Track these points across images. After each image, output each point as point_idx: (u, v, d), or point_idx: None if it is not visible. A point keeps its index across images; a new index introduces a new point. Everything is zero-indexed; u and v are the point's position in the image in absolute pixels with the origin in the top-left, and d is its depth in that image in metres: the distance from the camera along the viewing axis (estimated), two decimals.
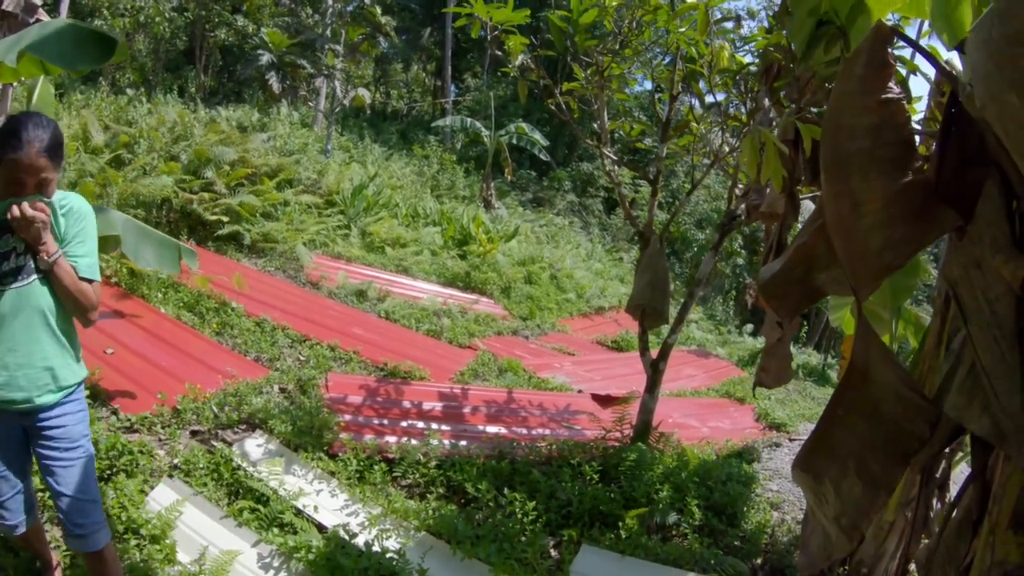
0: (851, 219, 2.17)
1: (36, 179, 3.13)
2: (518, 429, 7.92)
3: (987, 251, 1.94)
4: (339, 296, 11.76)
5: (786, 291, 2.75)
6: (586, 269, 20.32)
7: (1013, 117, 1.60)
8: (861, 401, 2.24)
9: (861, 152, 2.13)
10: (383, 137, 29.26)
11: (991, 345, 1.88)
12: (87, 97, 17.58)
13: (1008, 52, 1.57)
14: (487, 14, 6.28)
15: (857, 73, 2.17)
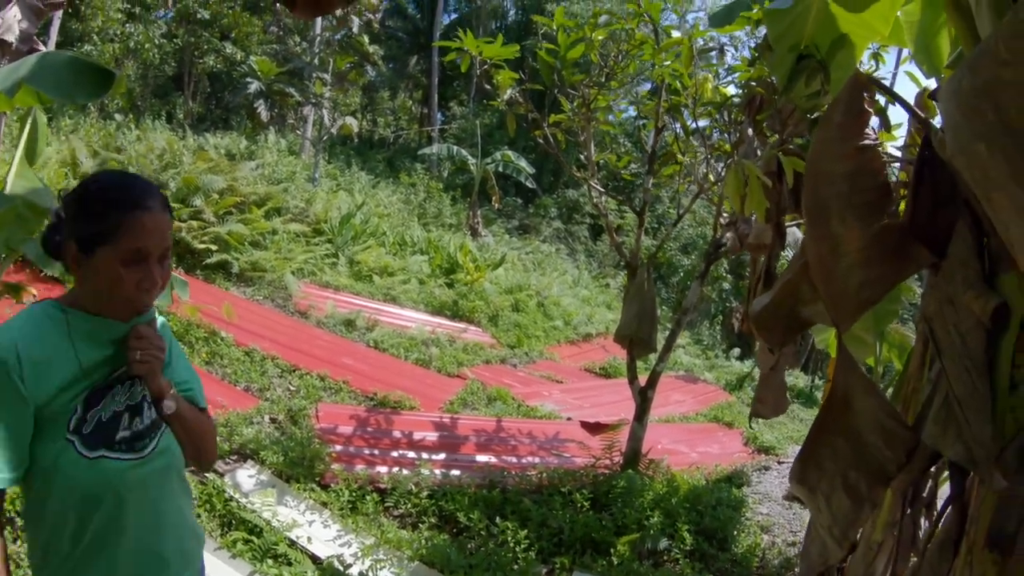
0: (831, 260, 2.29)
1: (162, 249, 2.00)
2: (508, 458, 7.96)
3: (959, 288, 2.05)
4: (328, 325, 11.79)
5: (775, 323, 2.88)
6: (573, 296, 20.40)
7: (981, 167, 1.67)
8: (843, 426, 2.35)
9: (839, 197, 2.24)
10: (370, 165, 29.36)
11: (963, 376, 1.99)
12: (76, 122, 17.64)
13: (976, 104, 1.64)
14: (477, 49, 6.40)
15: (835, 121, 2.28)
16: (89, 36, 23.05)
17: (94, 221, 1.89)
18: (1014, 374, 1.97)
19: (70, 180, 12.40)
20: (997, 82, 1.59)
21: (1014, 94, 1.56)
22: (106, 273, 1.90)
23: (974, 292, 2.02)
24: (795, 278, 2.71)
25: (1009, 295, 2.01)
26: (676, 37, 6.25)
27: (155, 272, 1.95)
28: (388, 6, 37.19)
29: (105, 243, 1.88)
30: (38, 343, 1.90)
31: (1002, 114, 1.58)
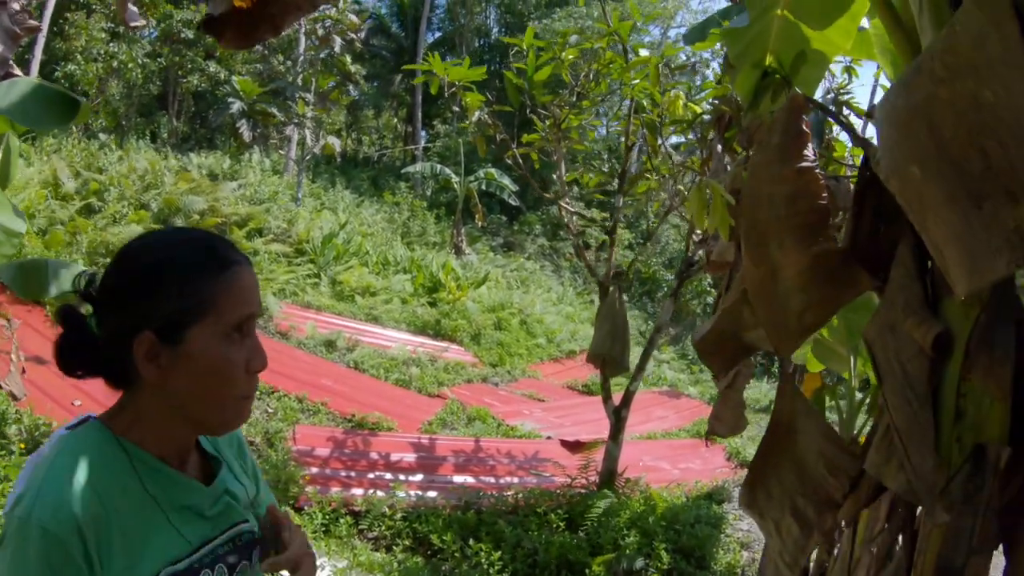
0: (770, 285, 2.25)
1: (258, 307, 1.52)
2: (486, 478, 7.94)
3: (900, 314, 1.99)
4: (308, 346, 11.76)
5: (719, 348, 2.82)
6: (556, 313, 20.37)
7: (915, 190, 1.63)
8: (788, 452, 2.31)
9: (778, 220, 2.20)
10: (354, 184, 29.33)
11: (904, 406, 1.93)
12: (59, 142, 17.59)
13: (910, 123, 1.60)
14: (444, 71, 6.42)
15: (774, 143, 2.24)
16: (73, 56, 22.98)
17: (176, 296, 1.34)
18: (959, 403, 1.91)
19: (51, 200, 12.35)
20: (932, 101, 1.55)
21: (949, 114, 1.52)
22: (207, 362, 1.36)
23: (915, 319, 1.95)
24: (736, 303, 2.66)
25: (952, 321, 1.94)
26: (643, 56, 6.27)
27: (261, 347, 1.44)
28: (372, 25, 37.30)
29: (199, 319, 1.35)
30: (113, 503, 1.32)
31: (936, 135, 1.54)
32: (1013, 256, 1.44)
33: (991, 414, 1.87)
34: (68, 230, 11.65)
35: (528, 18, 33.81)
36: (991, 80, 1.46)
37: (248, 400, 1.44)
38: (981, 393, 1.88)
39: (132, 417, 1.39)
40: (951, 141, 1.51)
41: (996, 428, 1.86)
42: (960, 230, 1.53)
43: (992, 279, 1.52)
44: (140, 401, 1.39)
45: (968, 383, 1.90)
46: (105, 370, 1.40)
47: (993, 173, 1.46)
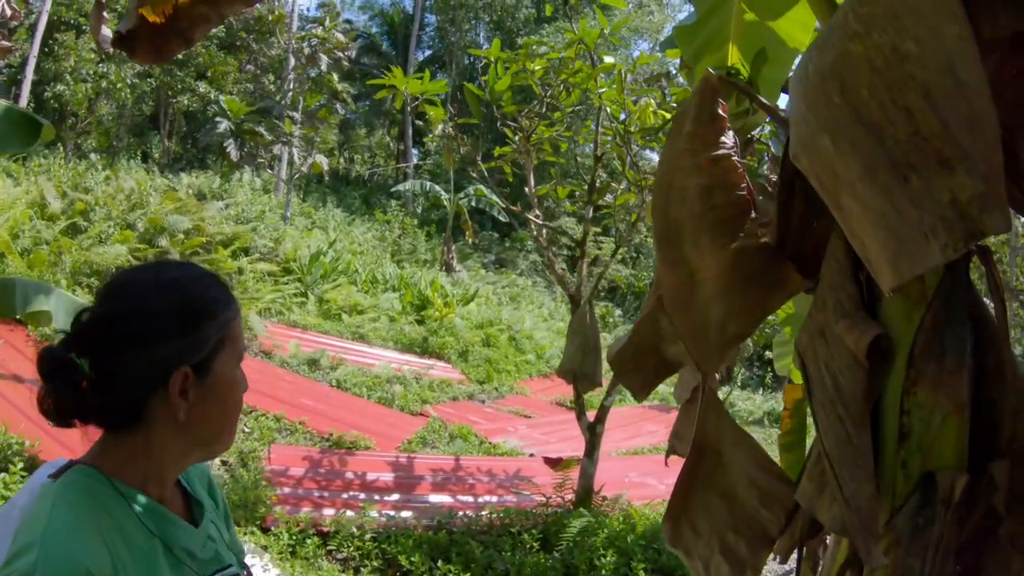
0: (687, 290, 2.01)
1: None
2: (464, 497, 7.83)
3: (831, 317, 1.69)
4: (291, 365, 11.66)
5: (636, 365, 2.48)
6: (547, 329, 20.28)
7: (826, 165, 1.39)
8: (715, 482, 2.05)
9: (692, 216, 1.97)
10: (346, 202, 29.35)
11: (835, 426, 1.61)
12: (50, 162, 17.56)
13: (821, 88, 1.38)
14: (403, 85, 6.37)
15: (686, 130, 2.00)
16: (62, 76, 23.00)
17: (211, 326, 1.38)
18: (904, 421, 1.57)
19: (36, 221, 12.30)
20: (845, 59, 1.33)
21: (865, 71, 1.30)
22: (230, 389, 1.42)
23: (847, 322, 1.62)
24: (653, 312, 2.34)
25: (892, 324, 1.62)
26: (608, 63, 6.20)
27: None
28: (363, 43, 37.40)
29: (222, 348, 1.40)
30: (119, 550, 1.26)
31: (850, 97, 1.32)
32: (950, 238, 1.19)
33: (943, 433, 1.55)
34: (52, 250, 11.58)
35: (517, 34, 33.92)
36: (914, 27, 1.24)
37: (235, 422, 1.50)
38: (930, 408, 1.55)
39: (124, 457, 1.34)
40: (868, 103, 1.29)
41: (949, 450, 1.55)
42: (882, 209, 1.28)
43: (924, 268, 1.25)
44: (136, 440, 1.35)
45: (913, 397, 1.56)
46: (104, 414, 1.34)
47: (921, 137, 1.23)
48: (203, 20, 2.34)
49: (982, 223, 1.17)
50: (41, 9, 21.84)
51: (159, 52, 2.37)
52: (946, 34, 1.20)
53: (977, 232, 1.17)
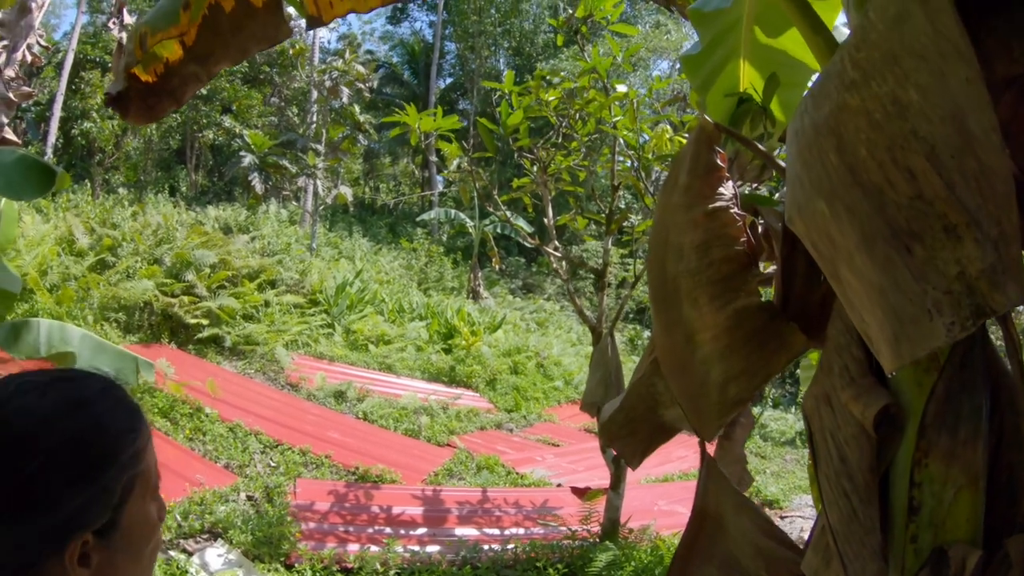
0: (685, 352, 1.90)
1: None
2: (490, 530, 7.76)
3: (837, 382, 1.58)
4: (318, 398, 11.66)
5: (631, 431, 2.38)
6: (575, 354, 20.16)
7: (822, 232, 1.27)
8: (716, 552, 1.95)
9: (689, 274, 1.87)
10: (372, 232, 29.52)
11: (840, 499, 1.52)
12: (78, 198, 17.81)
13: (817, 145, 1.26)
14: (416, 123, 6.38)
15: (681, 182, 1.91)
16: (89, 113, 23.40)
17: (115, 469, 1.05)
18: (913, 494, 1.45)
19: (64, 258, 12.44)
20: (841, 113, 1.22)
21: (863, 126, 1.18)
22: (142, 532, 1.10)
23: (853, 390, 1.52)
24: (648, 376, 2.25)
25: (902, 391, 1.51)
26: (620, 92, 6.18)
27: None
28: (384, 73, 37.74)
29: (134, 488, 1.07)
30: None
31: (847, 155, 1.20)
32: (957, 316, 1.07)
33: (955, 507, 1.43)
34: (80, 286, 11.71)
35: (536, 59, 34.06)
36: (915, 73, 1.12)
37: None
38: (942, 482, 1.44)
39: None
40: (866, 163, 1.17)
41: (962, 524, 1.43)
42: (881, 284, 1.16)
43: (927, 349, 1.12)
44: None
45: (925, 469, 1.45)
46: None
47: (924, 202, 1.11)
48: (193, 79, 2.37)
49: (993, 299, 1.07)
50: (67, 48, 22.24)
51: (151, 111, 2.40)
52: (952, 79, 1.10)
53: (987, 309, 1.07)
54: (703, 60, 3.29)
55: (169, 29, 2.32)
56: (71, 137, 24.30)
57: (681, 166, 1.93)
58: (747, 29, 3.12)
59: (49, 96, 22.86)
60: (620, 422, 2.39)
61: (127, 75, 2.39)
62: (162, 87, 2.36)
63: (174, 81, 2.35)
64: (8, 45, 6.91)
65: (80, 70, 23.80)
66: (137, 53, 2.36)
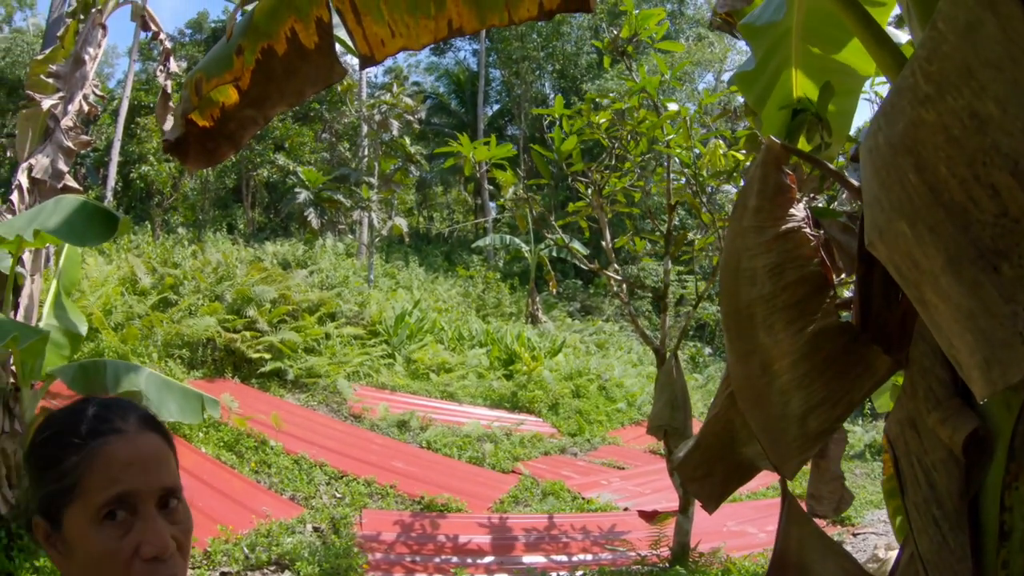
0: (761, 383, 1.81)
1: (160, 488, 1.29)
2: (558, 557, 7.68)
3: (923, 405, 1.53)
4: (381, 428, 11.70)
5: (707, 471, 2.27)
6: (637, 375, 20.00)
7: (905, 255, 1.20)
8: None
9: (762, 299, 1.78)
10: (428, 261, 29.71)
11: (929, 527, 1.47)
12: (139, 239, 18.24)
13: (894, 164, 1.20)
14: (470, 152, 6.40)
15: (751, 205, 1.83)
16: (146, 157, 23.98)
17: (49, 476, 1.21)
18: (1004, 518, 1.39)
19: (127, 297, 12.72)
20: (917, 129, 1.17)
21: (941, 142, 1.13)
22: (84, 551, 1.17)
23: (939, 413, 1.47)
24: (724, 411, 2.14)
25: (989, 413, 1.45)
26: (672, 111, 6.12)
27: (158, 527, 1.18)
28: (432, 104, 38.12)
29: (70, 502, 1.18)
30: None
31: (926, 174, 1.15)
32: None
33: None
34: (144, 324, 11.93)
35: (581, 81, 34.08)
36: (992, 85, 1.08)
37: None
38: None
39: None
40: (947, 181, 1.12)
41: None
42: (970, 306, 1.11)
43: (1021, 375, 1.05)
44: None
45: (1015, 492, 1.39)
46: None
47: (1011, 219, 1.07)
48: (250, 122, 2.38)
49: None
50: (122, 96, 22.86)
51: (210, 155, 2.42)
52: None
53: None
54: (757, 75, 3.23)
55: (223, 75, 2.35)
56: (130, 181, 24.95)
57: (750, 189, 1.87)
58: (797, 39, 3.06)
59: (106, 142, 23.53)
60: (696, 462, 2.28)
61: (184, 121, 2.42)
62: (219, 131, 2.38)
63: (231, 125, 2.37)
64: (64, 96, 7.10)
65: (135, 115, 24.48)
66: (193, 99, 2.39)
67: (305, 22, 2.35)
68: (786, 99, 3.32)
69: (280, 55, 2.35)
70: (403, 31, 2.29)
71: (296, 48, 2.34)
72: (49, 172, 7.30)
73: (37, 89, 7.14)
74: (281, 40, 2.35)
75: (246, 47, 2.34)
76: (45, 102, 7.04)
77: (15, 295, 6.57)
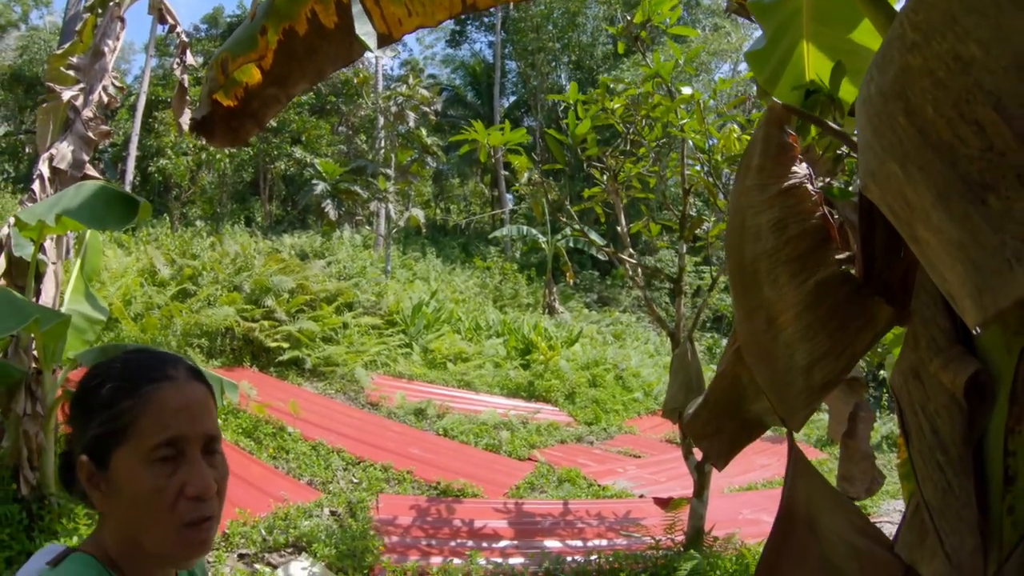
0: (767, 337, 1.83)
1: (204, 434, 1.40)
2: (573, 542, 7.71)
3: (925, 354, 1.54)
4: (398, 416, 11.78)
5: (716, 428, 2.29)
6: (653, 365, 20.02)
7: (897, 194, 1.25)
8: (808, 556, 1.82)
9: (767, 254, 1.83)
10: (445, 252, 29.79)
11: (934, 473, 1.48)
12: (158, 231, 18.39)
13: (884, 110, 1.25)
14: (484, 138, 6.43)
15: (754, 164, 1.87)
16: (164, 151, 24.15)
17: (101, 418, 1.30)
18: (1009, 463, 1.39)
19: (147, 288, 12.84)
20: (905, 75, 1.21)
21: (927, 85, 1.17)
22: (132, 489, 1.27)
23: (942, 359, 1.48)
24: (731, 367, 2.17)
25: (992, 357, 1.44)
26: (685, 95, 6.13)
27: (203, 471, 1.30)
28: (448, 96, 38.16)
29: (120, 443, 1.28)
30: None
31: (915, 116, 1.19)
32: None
33: None
34: (163, 314, 12.05)
35: (597, 71, 34.03)
36: (976, 27, 1.11)
37: (198, 528, 1.29)
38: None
39: (110, 544, 1.31)
40: (935, 121, 1.16)
41: None
42: (960, 237, 1.14)
43: (1011, 299, 1.07)
44: (103, 527, 1.34)
45: (1018, 437, 1.39)
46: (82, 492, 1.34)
47: (996, 153, 1.09)
48: (273, 101, 2.45)
49: None
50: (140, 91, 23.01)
51: (235, 135, 2.48)
52: (1011, 30, 1.07)
53: None
54: (768, 54, 3.22)
55: (248, 54, 2.41)
56: (148, 174, 25.15)
57: (754, 149, 1.90)
58: (808, 17, 3.07)
59: (124, 137, 23.71)
60: (704, 419, 2.31)
61: (210, 100, 2.49)
62: (244, 110, 2.45)
63: (255, 104, 2.44)
64: (85, 88, 7.17)
65: (152, 110, 24.64)
66: (219, 79, 2.46)
67: (325, 3, 2.41)
68: (798, 79, 3.31)
69: (301, 35, 2.41)
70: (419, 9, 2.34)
71: (316, 28, 2.40)
72: (70, 161, 7.37)
73: (57, 82, 7.22)
74: (302, 20, 2.41)
75: (269, 27, 2.40)
76: (65, 94, 7.11)
77: (37, 282, 6.64)
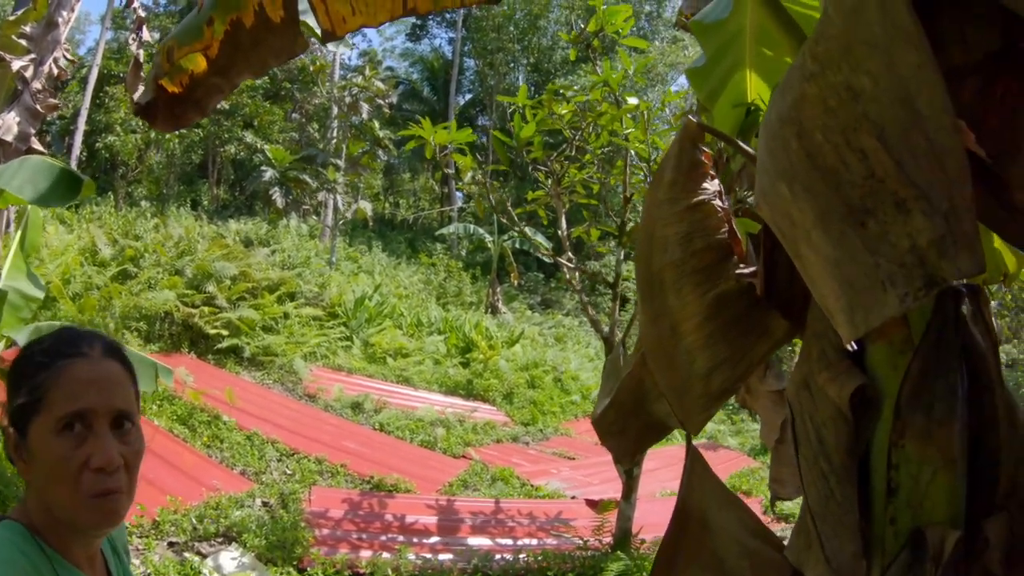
0: (670, 343, 1.93)
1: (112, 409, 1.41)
2: (503, 540, 7.80)
3: (815, 366, 1.60)
4: (335, 409, 11.76)
5: (622, 427, 2.41)
6: (593, 369, 20.16)
7: (785, 213, 1.31)
8: (700, 553, 1.90)
9: (673, 265, 1.91)
10: (391, 247, 29.64)
11: (818, 481, 1.54)
12: (102, 210, 18.07)
13: (780, 133, 1.31)
14: (431, 136, 6.48)
15: (666, 179, 1.95)
16: (112, 127, 23.71)
17: (23, 390, 1.36)
18: (891, 475, 1.46)
19: (87, 267, 12.64)
20: (802, 101, 1.28)
21: (819, 113, 1.24)
22: (43, 458, 1.33)
23: (830, 372, 1.55)
24: (635, 370, 2.25)
25: (877, 373, 1.53)
26: (631, 104, 6.24)
27: (108, 443, 1.34)
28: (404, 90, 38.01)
29: (36, 413, 1.34)
30: None
31: (805, 141, 1.25)
32: (909, 286, 1.11)
33: (933, 488, 1.43)
34: (103, 295, 11.88)
35: (554, 76, 34.18)
36: (868, 60, 1.18)
37: (104, 499, 1.33)
38: (919, 462, 1.44)
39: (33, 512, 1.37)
40: (823, 146, 1.23)
41: (941, 506, 1.44)
42: (837, 256, 1.21)
43: (881, 319, 1.16)
44: (29, 499, 1.39)
45: (901, 450, 1.45)
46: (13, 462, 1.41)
47: (876, 180, 1.16)
48: (216, 90, 2.48)
49: (942, 269, 1.09)
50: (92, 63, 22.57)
51: (177, 120, 2.52)
52: (902, 65, 1.14)
53: (939, 279, 1.10)
54: (708, 72, 3.29)
55: (194, 44, 2.44)
56: (95, 151, 24.65)
57: (667, 163, 1.98)
58: (751, 40, 3.14)
59: (73, 110, 23.22)
60: (611, 419, 2.40)
61: (156, 86, 2.52)
62: (187, 97, 2.47)
63: (198, 92, 2.47)
64: (35, 58, 7.05)
65: (104, 85, 24.14)
66: (164, 65, 2.48)
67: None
68: (739, 97, 3.37)
69: (248, 27, 2.44)
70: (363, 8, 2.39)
71: (263, 21, 2.43)
72: (15, 134, 7.26)
73: (7, 50, 7.08)
74: (250, 13, 2.44)
75: (216, 18, 2.43)
76: (15, 63, 6.99)
77: None
